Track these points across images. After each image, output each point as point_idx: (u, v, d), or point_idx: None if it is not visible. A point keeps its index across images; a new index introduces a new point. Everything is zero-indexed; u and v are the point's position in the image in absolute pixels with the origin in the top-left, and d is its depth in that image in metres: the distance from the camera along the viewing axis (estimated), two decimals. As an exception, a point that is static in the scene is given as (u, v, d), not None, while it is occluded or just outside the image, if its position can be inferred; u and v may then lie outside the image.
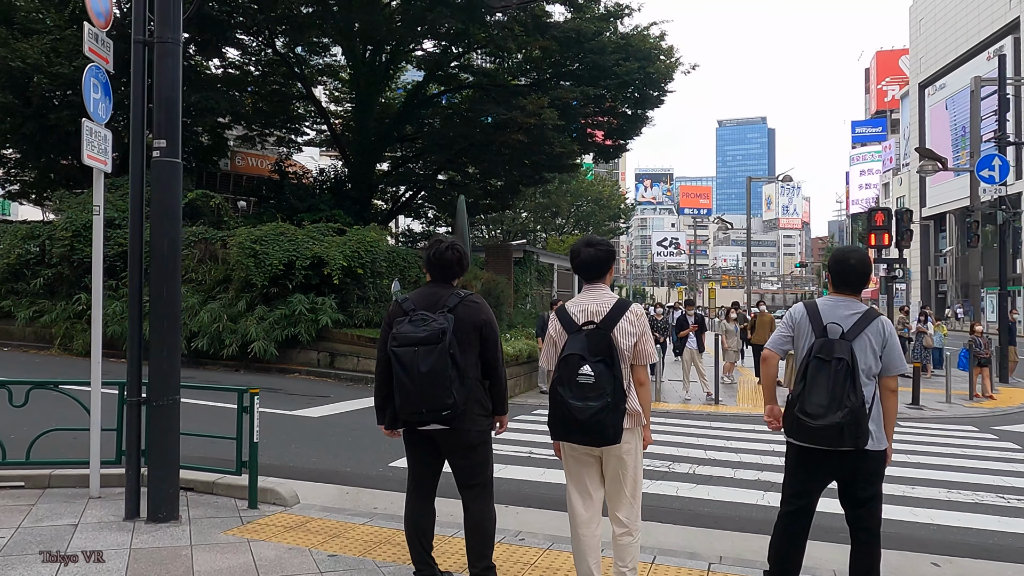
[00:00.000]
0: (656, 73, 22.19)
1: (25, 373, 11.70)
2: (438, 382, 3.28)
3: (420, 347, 3.32)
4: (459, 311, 3.46)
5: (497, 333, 3.60)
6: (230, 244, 14.31)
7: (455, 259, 3.61)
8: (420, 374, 3.30)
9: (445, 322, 3.36)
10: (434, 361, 3.28)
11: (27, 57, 15.70)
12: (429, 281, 3.68)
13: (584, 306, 3.43)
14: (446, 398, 3.29)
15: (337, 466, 6.76)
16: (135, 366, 4.78)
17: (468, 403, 3.43)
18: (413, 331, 3.37)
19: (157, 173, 4.70)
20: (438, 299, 3.53)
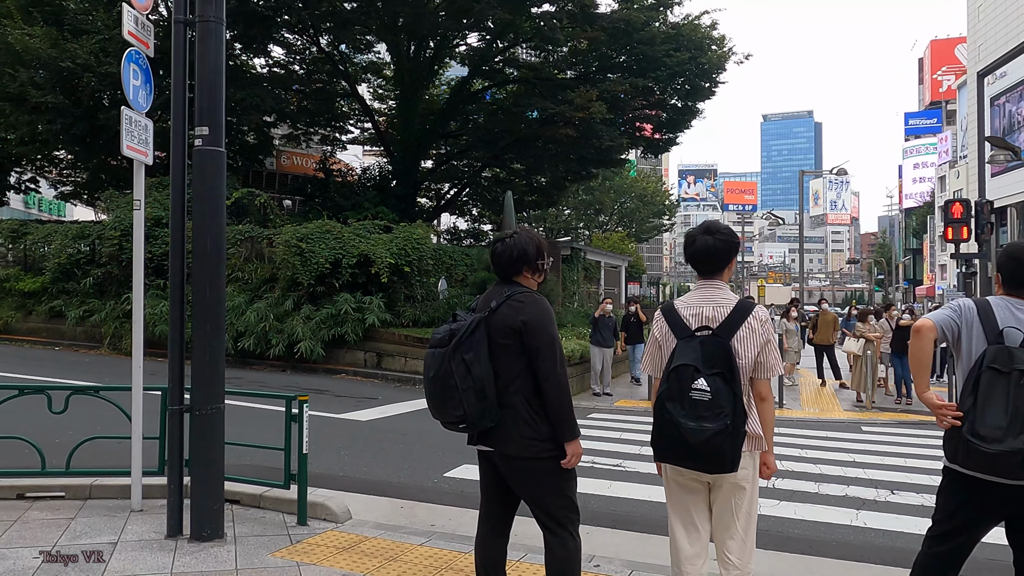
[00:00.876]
0: (708, 63, 21.45)
1: (74, 373, 11.63)
2: (443, 390, 2.88)
3: (436, 349, 2.95)
4: (500, 311, 2.96)
5: (547, 339, 2.94)
6: (276, 242, 14.10)
7: (508, 254, 3.08)
8: (429, 379, 2.95)
9: (463, 325, 2.94)
10: (439, 366, 2.90)
11: (76, 57, 15.73)
12: (499, 280, 3.22)
13: (698, 307, 2.94)
14: (453, 409, 2.87)
15: (389, 476, 6.37)
16: (176, 371, 4.43)
17: (508, 421, 2.93)
18: (439, 332, 3.02)
19: (199, 163, 4.34)
20: (492, 296, 3.09)
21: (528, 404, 2.95)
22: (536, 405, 2.96)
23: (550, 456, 2.96)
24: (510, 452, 2.96)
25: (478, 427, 2.92)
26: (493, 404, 2.90)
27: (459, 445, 7.71)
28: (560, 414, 2.95)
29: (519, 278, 3.12)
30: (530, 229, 3.28)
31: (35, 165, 22.41)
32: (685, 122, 24.02)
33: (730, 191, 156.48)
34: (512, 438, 2.94)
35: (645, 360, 3.17)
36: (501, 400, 2.93)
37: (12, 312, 15.98)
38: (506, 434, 2.94)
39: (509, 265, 3.09)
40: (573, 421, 2.99)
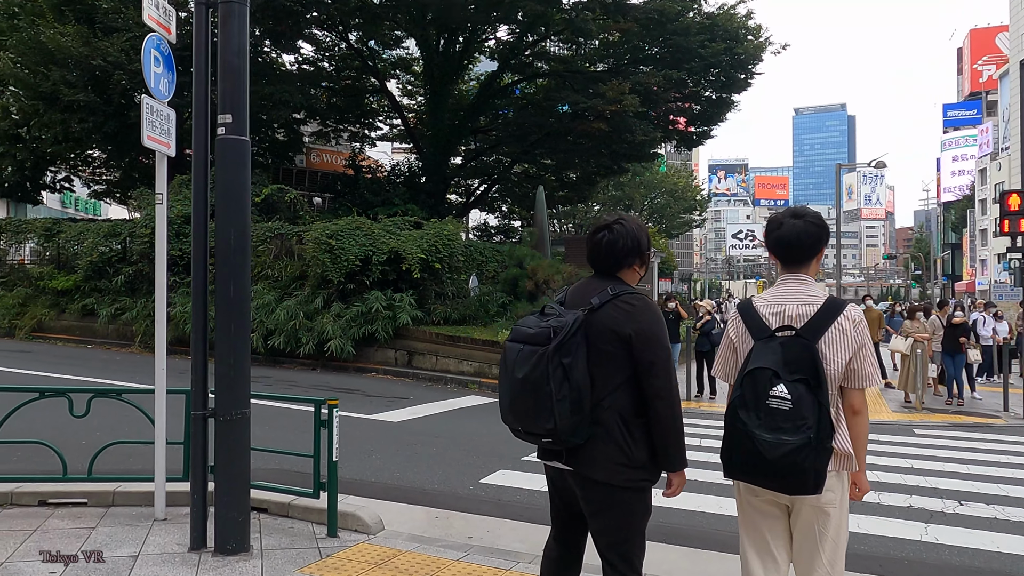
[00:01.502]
0: (744, 54, 20.93)
1: (105, 372, 11.56)
2: (533, 396, 2.47)
3: (525, 346, 2.53)
4: (603, 312, 2.57)
5: (662, 353, 2.57)
6: (306, 239, 13.93)
7: (619, 244, 2.67)
8: (516, 380, 2.52)
9: (568, 320, 2.51)
10: (531, 367, 2.47)
11: (107, 55, 15.73)
12: (593, 273, 2.83)
13: (779, 305, 2.59)
14: (543, 420, 2.46)
15: (422, 482, 6.08)
16: (200, 374, 4.18)
17: (596, 440, 2.54)
18: (529, 325, 2.59)
19: (222, 153, 4.08)
20: (589, 293, 2.68)
21: (623, 424, 2.56)
22: (633, 426, 2.57)
23: (638, 486, 2.59)
24: (596, 476, 2.55)
25: (567, 444, 2.53)
26: (587, 419, 2.52)
27: (495, 449, 7.47)
28: (672, 439, 2.57)
29: (623, 273, 2.73)
30: (634, 216, 2.92)
31: (69, 164, 22.57)
32: (720, 115, 23.50)
33: (761, 186, 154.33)
34: (599, 461, 2.55)
35: (717, 364, 2.82)
36: (592, 415, 2.54)
37: (46, 310, 16.03)
38: (593, 455, 2.55)
39: (619, 257, 2.68)
40: (684, 448, 2.61)
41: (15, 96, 19.05)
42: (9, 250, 18.46)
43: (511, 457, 7.01)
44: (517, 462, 6.84)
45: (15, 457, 6.03)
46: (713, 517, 5.44)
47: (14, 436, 6.08)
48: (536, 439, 2.59)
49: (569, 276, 14.37)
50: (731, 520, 5.35)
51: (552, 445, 2.56)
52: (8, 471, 5.67)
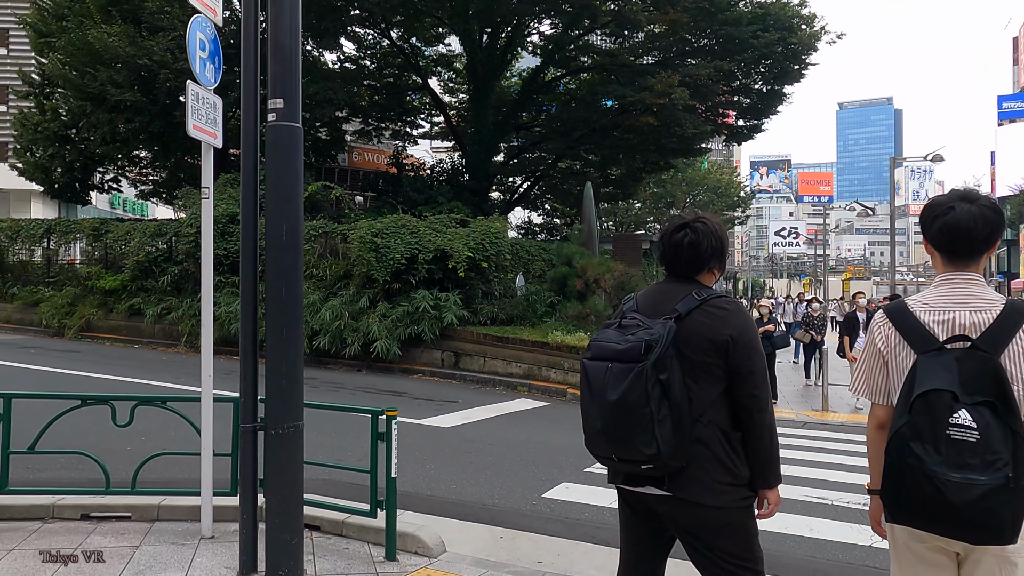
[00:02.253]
0: (797, 44, 20.10)
1: (151, 372, 11.43)
2: (631, 419, 2.19)
3: (615, 364, 2.24)
4: (692, 320, 2.30)
5: (760, 361, 2.33)
6: (351, 238, 13.67)
7: (702, 245, 2.41)
8: (608, 403, 2.22)
9: (659, 331, 2.22)
10: (627, 387, 2.18)
11: (153, 54, 15.70)
12: (666, 277, 2.53)
13: (947, 311, 2.12)
14: (644, 445, 2.18)
15: (481, 496, 5.69)
16: (249, 383, 3.83)
17: (699, 460, 2.26)
18: (613, 339, 2.29)
19: (273, 140, 3.71)
20: (668, 299, 2.38)
21: (725, 440, 2.31)
22: (734, 440, 2.32)
23: (745, 506, 2.35)
24: (704, 500, 2.26)
25: (669, 469, 2.23)
26: (689, 438, 2.24)
27: (554, 459, 7.04)
28: (772, 453, 2.34)
29: (703, 277, 2.46)
30: (712, 215, 2.56)
31: (117, 165, 22.77)
32: (771, 108, 22.70)
33: (805, 182, 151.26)
34: (706, 483, 2.27)
35: (859, 380, 2.35)
36: (691, 433, 2.27)
37: (94, 310, 16.08)
38: (698, 477, 2.27)
39: (702, 259, 2.43)
40: (780, 462, 2.37)
41: (64, 97, 19.23)
42: (59, 250, 18.63)
43: (572, 468, 6.59)
44: (580, 474, 6.41)
45: (58, 464, 5.80)
46: (805, 542, 4.94)
47: (58, 442, 5.85)
48: (634, 466, 2.27)
49: (619, 275, 13.90)
50: (825, 546, 4.85)
51: (653, 471, 2.25)
52: (51, 480, 5.45)
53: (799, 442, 8.69)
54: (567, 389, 11.59)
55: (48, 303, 16.49)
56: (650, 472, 2.25)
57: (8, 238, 18.65)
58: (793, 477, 6.58)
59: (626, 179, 26.10)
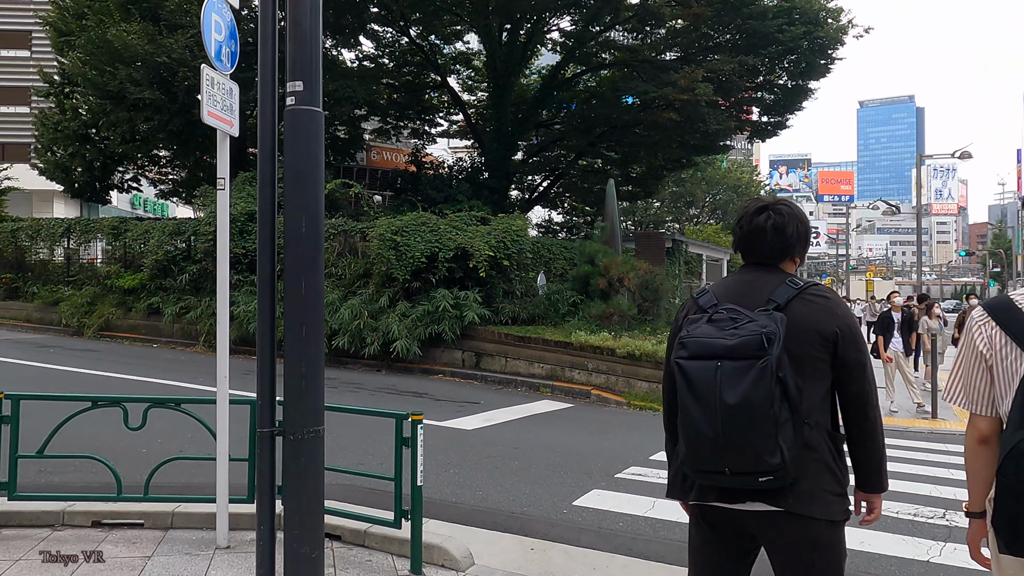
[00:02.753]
0: (824, 38, 19.68)
1: (169, 372, 11.29)
2: (754, 424, 1.90)
3: (726, 361, 1.95)
4: (794, 311, 2.04)
5: (866, 352, 2.12)
6: (370, 236, 13.46)
7: (788, 230, 2.18)
8: (724, 408, 1.92)
9: (772, 324, 1.95)
10: (749, 387, 1.90)
11: (172, 52, 15.61)
12: (742, 266, 2.27)
13: None
14: (768, 453, 1.90)
15: (509, 503, 5.42)
16: (267, 385, 3.58)
17: (809, 469, 1.99)
18: (716, 334, 2.00)
19: (291, 126, 3.47)
20: (756, 290, 2.12)
21: (832, 444, 2.08)
22: (839, 444, 2.11)
23: (847, 519, 2.11)
24: (814, 513, 2.00)
25: (790, 480, 1.97)
26: (812, 445, 2.02)
27: (582, 464, 6.75)
28: (882, 456, 2.15)
29: (786, 264, 2.23)
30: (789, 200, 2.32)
31: (136, 164, 22.77)
32: (796, 103, 22.25)
33: (825, 181, 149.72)
34: (816, 493, 2.01)
35: (955, 386, 2.06)
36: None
37: (113, 309, 16.01)
38: (808, 488, 2.00)
39: (788, 244, 2.19)
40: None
41: (84, 96, 19.22)
42: (79, 250, 18.61)
43: (602, 474, 6.31)
44: (611, 480, 6.13)
45: (72, 467, 5.60)
46: (858, 556, 4.62)
47: (71, 444, 5.67)
48: (748, 479, 1.98)
49: (644, 273, 13.58)
50: (880, 561, 4.53)
51: (772, 483, 1.96)
52: (62, 484, 5.26)
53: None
54: (591, 390, 11.30)
55: (68, 302, 16.45)
56: (768, 484, 1.97)
57: (28, 237, 18.66)
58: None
59: (647, 177, 25.74)
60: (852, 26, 20.02)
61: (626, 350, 11.27)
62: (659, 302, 13.77)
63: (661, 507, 5.33)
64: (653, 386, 11.04)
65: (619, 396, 11.13)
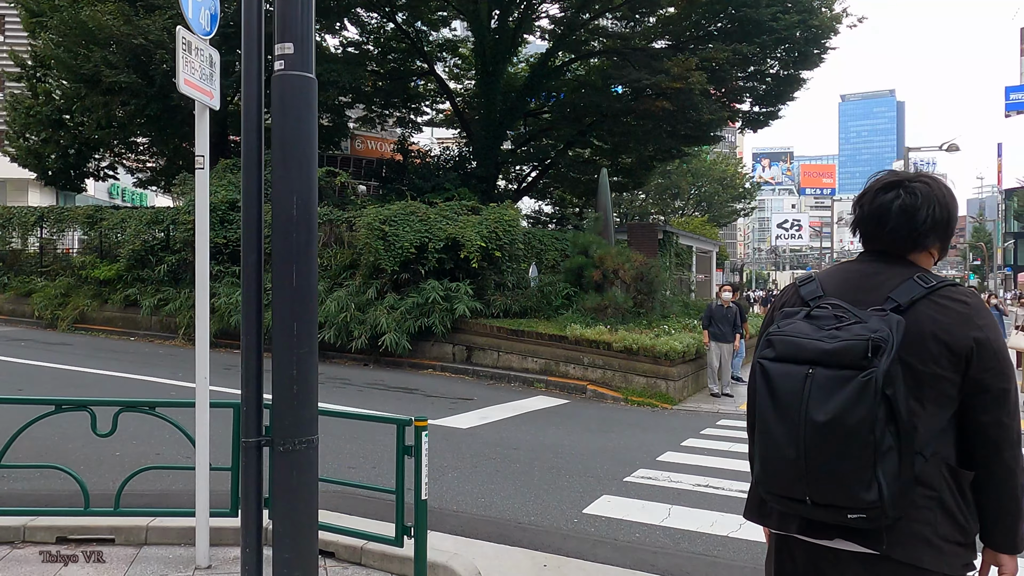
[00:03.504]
0: (819, 26, 19.36)
1: (146, 367, 10.79)
2: (846, 450, 1.53)
3: (820, 369, 1.58)
4: (917, 315, 1.63)
5: (1011, 374, 1.67)
6: (357, 225, 13.00)
7: (923, 212, 1.73)
8: (811, 425, 1.56)
9: (884, 329, 1.56)
10: (845, 404, 1.53)
11: (149, 34, 15.00)
12: (861, 253, 1.87)
13: None
14: (861, 487, 1.52)
15: (515, 512, 5.03)
16: (252, 390, 3.17)
17: (921, 509, 1.60)
18: (812, 334, 1.63)
19: (280, 94, 3.05)
20: (874, 285, 1.72)
21: (953, 481, 1.65)
22: (964, 483, 1.66)
23: (966, 575, 1.68)
24: (924, 563, 1.61)
25: (888, 521, 1.57)
26: (913, 478, 1.59)
27: (587, 466, 6.36)
28: (1020, 507, 1.66)
29: (917, 257, 1.78)
30: (936, 176, 1.88)
31: (113, 151, 22.06)
32: (788, 94, 21.92)
33: (807, 174, 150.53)
34: (927, 539, 1.61)
35: None
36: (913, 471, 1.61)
37: (88, 300, 15.43)
38: (916, 531, 1.61)
39: (920, 232, 1.74)
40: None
41: (57, 80, 18.53)
42: (54, 239, 17.96)
43: (610, 478, 5.94)
44: (620, 485, 5.76)
45: (37, 474, 5.14)
46: None
47: (36, 448, 5.24)
48: (837, 514, 1.59)
49: (639, 265, 13.22)
50: None
51: (864, 523, 1.57)
52: (26, 493, 4.79)
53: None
54: (587, 385, 10.94)
55: (40, 293, 15.84)
56: (859, 523, 1.59)
57: (0, 226, 17.98)
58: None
59: (637, 168, 25.39)
60: (846, 15, 19.72)
61: (623, 344, 10.92)
62: (654, 295, 13.42)
63: (678, 515, 4.97)
64: (651, 381, 10.71)
65: (616, 391, 10.78)
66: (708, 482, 5.86)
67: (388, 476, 5.58)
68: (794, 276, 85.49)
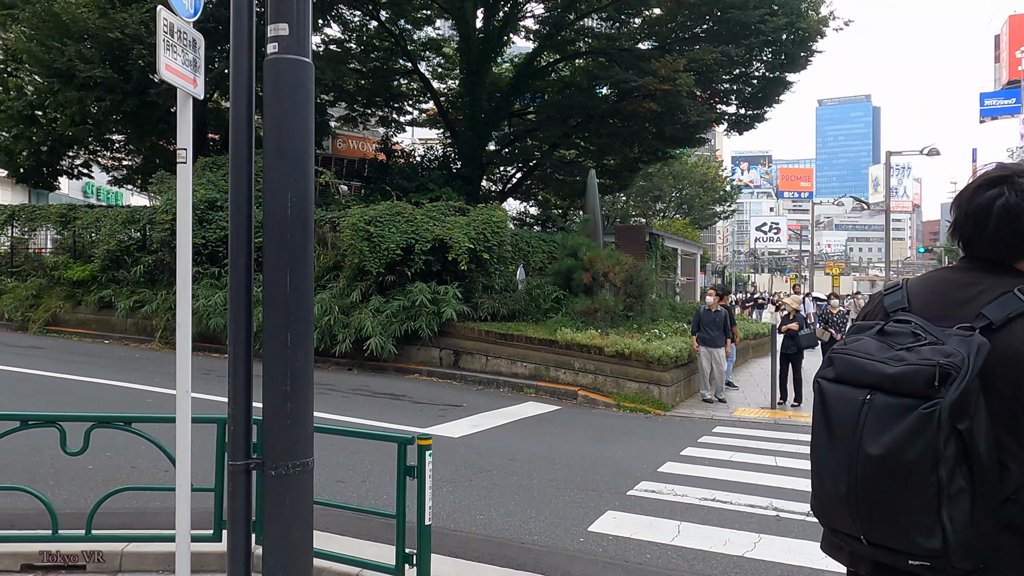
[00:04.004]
0: (806, 29, 19.31)
1: (122, 372, 10.37)
2: (906, 490, 1.34)
3: (879, 395, 1.38)
4: (1012, 335, 1.38)
5: None
6: (341, 226, 12.66)
7: (1006, 210, 1.47)
8: (865, 458, 1.38)
9: (960, 353, 1.34)
10: (902, 438, 1.33)
11: (125, 27, 14.55)
12: (961, 258, 1.60)
13: None
14: (920, 532, 1.33)
15: (516, 530, 4.75)
16: (241, 406, 2.86)
17: (1006, 561, 1.36)
18: (876, 354, 1.42)
19: (274, 79, 2.75)
20: (967, 298, 1.47)
21: None
22: None
23: None
24: None
25: (956, 572, 1.34)
26: (993, 527, 1.35)
27: (587, 478, 6.06)
28: None
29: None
30: None
31: (87, 149, 21.48)
32: (774, 96, 21.88)
33: (785, 178, 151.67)
34: None
35: None
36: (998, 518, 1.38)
37: (61, 302, 14.91)
38: None
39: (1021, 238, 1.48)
40: None
41: (29, 74, 17.98)
42: (26, 239, 17.40)
43: (612, 492, 5.68)
44: (623, 499, 5.50)
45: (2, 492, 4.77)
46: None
47: (1, 461, 4.88)
48: (896, 558, 1.38)
49: (629, 268, 13.00)
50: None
51: (931, 572, 1.36)
52: (-10, 514, 4.43)
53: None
54: (578, 391, 10.70)
55: (11, 295, 15.30)
56: (923, 572, 1.37)
57: (-32, 225, 17.40)
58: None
59: (622, 169, 25.25)
60: (833, 18, 19.69)
61: (615, 349, 10.68)
62: (644, 298, 13.20)
63: (688, 533, 4.72)
64: (643, 386, 10.48)
65: (607, 397, 10.54)
66: (715, 495, 5.63)
67: (380, 490, 5.29)
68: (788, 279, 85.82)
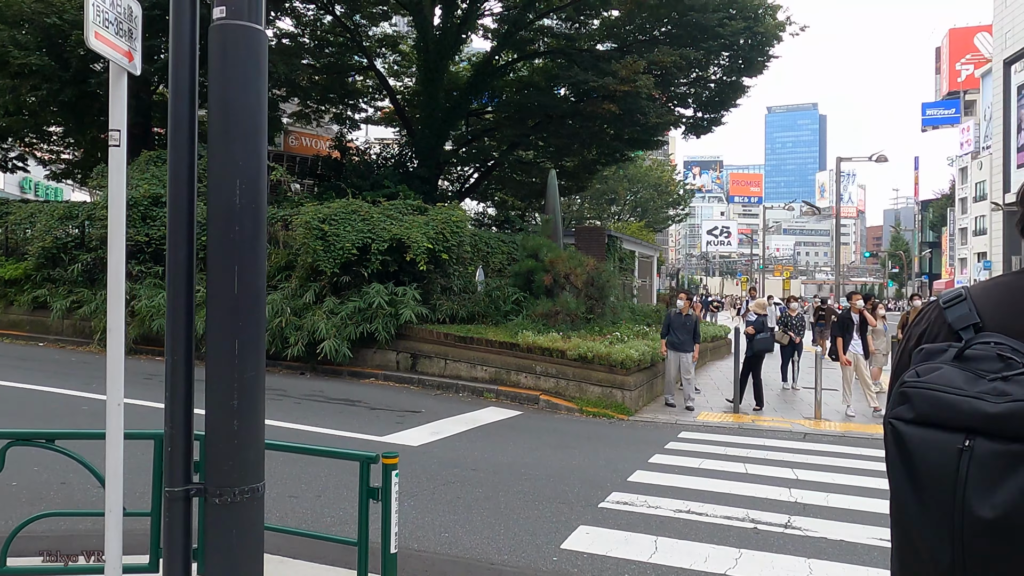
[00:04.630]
0: (764, 33, 19.46)
1: (55, 377, 9.71)
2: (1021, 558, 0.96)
3: (982, 441, 1.01)
4: None
5: None
6: (294, 224, 12.16)
7: None
8: (974, 523, 0.99)
9: None
10: (1020, 495, 0.95)
11: (63, 12, 13.82)
12: None
13: None
14: None
15: (485, 548, 4.43)
16: (180, 424, 2.48)
17: None
18: (967, 388, 1.05)
19: (221, 47, 2.39)
20: None
21: None
22: None
23: None
24: None
25: None
26: None
27: (556, 490, 5.67)
28: None
29: None
30: None
31: (23, 141, 20.43)
32: (731, 100, 22.06)
33: (736, 183, 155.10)
34: None
35: None
36: None
37: (-10, 303, 14.07)
38: None
39: None
40: None
41: (-41, 61, 16.97)
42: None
43: (583, 504, 5.40)
44: (595, 512, 5.23)
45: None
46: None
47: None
48: None
49: (591, 270, 12.79)
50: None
51: None
52: None
53: (820, 460, 7.72)
54: (540, 396, 10.43)
55: (-64, 294, 14.37)
56: None
57: None
58: (857, 512, 5.55)
59: (580, 171, 25.14)
60: (789, 23, 19.89)
61: (577, 352, 10.44)
62: (605, 300, 13.02)
63: (666, 549, 4.47)
64: (606, 391, 10.26)
65: (570, 402, 10.29)
66: (689, 507, 5.40)
67: (336, 507, 4.92)
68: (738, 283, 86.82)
